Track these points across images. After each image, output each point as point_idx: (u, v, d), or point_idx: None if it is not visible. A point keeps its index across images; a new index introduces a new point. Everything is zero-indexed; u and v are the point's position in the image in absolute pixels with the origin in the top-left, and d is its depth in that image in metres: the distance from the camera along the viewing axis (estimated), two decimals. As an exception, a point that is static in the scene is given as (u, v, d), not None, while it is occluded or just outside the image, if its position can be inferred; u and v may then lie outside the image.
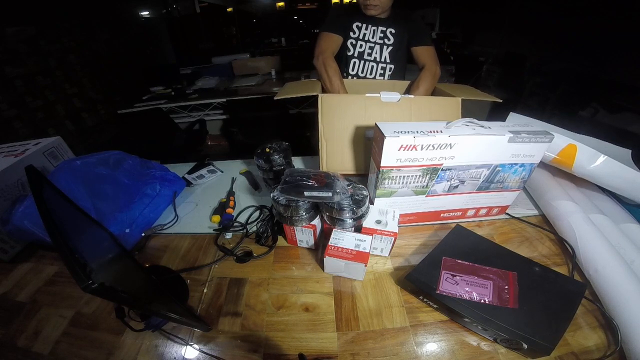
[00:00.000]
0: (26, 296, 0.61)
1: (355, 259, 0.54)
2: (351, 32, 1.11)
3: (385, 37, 1.10)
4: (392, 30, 1.09)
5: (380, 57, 1.12)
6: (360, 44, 1.12)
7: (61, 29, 2.23)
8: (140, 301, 0.38)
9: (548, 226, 0.69)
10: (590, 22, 1.82)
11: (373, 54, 1.12)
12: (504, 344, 0.46)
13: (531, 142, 0.56)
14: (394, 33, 1.09)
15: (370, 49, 1.12)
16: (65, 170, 0.66)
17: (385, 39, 1.10)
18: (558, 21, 2.06)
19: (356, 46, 1.13)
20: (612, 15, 1.72)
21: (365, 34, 1.11)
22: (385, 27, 1.09)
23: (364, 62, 1.14)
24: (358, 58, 1.14)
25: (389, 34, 1.09)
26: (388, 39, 1.10)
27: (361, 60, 1.14)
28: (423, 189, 0.63)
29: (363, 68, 1.15)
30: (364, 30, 1.10)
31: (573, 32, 1.93)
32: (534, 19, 2.31)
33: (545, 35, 2.18)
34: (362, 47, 1.12)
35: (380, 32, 1.09)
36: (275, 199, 0.60)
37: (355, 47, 1.13)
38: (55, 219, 0.34)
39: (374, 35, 1.10)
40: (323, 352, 0.48)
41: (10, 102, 1.88)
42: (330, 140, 0.79)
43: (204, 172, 0.97)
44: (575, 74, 1.96)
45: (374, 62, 1.13)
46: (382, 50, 1.11)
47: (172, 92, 2.55)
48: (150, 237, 0.73)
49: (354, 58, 1.14)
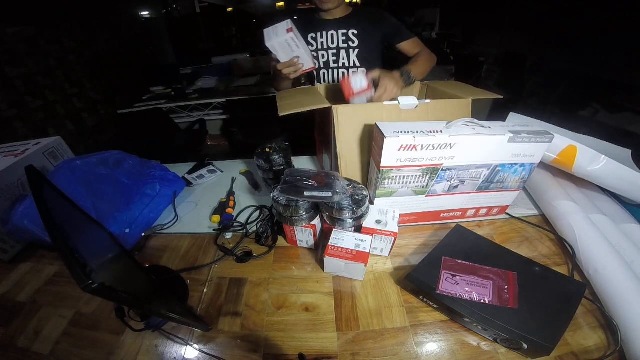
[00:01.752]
0: (26, 296, 0.61)
1: (355, 259, 0.54)
2: (309, 46, 1.03)
3: (348, 40, 1.02)
4: (354, 32, 1.01)
5: (349, 62, 1.05)
6: (322, 54, 1.05)
7: (61, 29, 2.23)
8: (140, 301, 0.38)
9: (548, 226, 0.69)
10: (590, 22, 1.82)
11: (340, 60, 1.05)
12: (504, 344, 0.46)
13: (531, 142, 0.56)
14: (357, 34, 1.01)
15: (335, 56, 1.04)
16: (65, 170, 0.67)
17: (349, 42, 1.02)
18: (558, 21, 2.06)
19: (318, 57, 1.06)
20: (612, 15, 1.72)
21: (323, 43, 1.03)
22: (345, 29, 1.01)
23: (332, 71, 1.07)
24: (325, 68, 1.07)
25: (351, 36, 1.01)
26: (352, 41, 1.02)
27: (329, 69, 1.07)
28: (423, 189, 0.63)
29: (333, 77, 1.08)
30: (321, 39, 1.03)
31: (573, 32, 1.93)
32: (534, 19, 2.31)
33: (545, 35, 2.18)
34: (325, 56, 1.05)
35: (341, 35, 1.01)
36: (275, 199, 0.60)
37: (318, 58, 1.06)
38: (55, 219, 0.34)
39: (334, 40, 1.02)
40: (323, 352, 0.48)
41: (10, 102, 1.88)
42: (349, 154, 0.74)
43: (204, 172, 0.97)
44: (575, 74, 1.96)
45: (343, 69, 1.06)
46: (348, 54, 1.04)
47: (172, 92, 2.56)
48: (150, 237, 0.73)
49: (322, 69, 1.08)
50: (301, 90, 0.87)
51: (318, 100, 0.71)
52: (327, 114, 0.72)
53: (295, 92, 0.86)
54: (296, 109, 0.68)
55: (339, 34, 1.02)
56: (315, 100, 0.71)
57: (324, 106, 0.68)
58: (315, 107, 0.68)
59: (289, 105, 0.70)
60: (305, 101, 0.73)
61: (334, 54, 1.05)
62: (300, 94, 0.82)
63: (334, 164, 0.77)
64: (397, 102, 0.69)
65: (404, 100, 0.69)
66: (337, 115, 0.68)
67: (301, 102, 0.73)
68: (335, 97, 0.95)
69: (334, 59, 1.06)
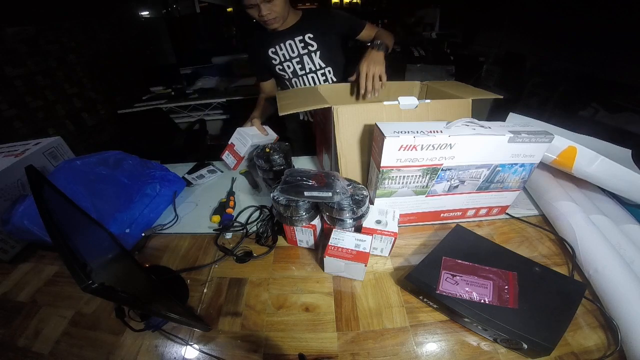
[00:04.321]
0: (26, 296, 0.61)
1: (355, 259, 0.54)
2: (273, 61, 1.05)
3: (307, 45, 1.02)
4: (310, 35, 1.01)
5: (314, 66, 1.06)
6: (287, 64, 1.05)
7: (61, 29, 2.22)
8: (140, 301, 0.38)
9: (548, 226, 0.69)
10: (590, 22, 1.82)
11: (306, 66, 1.06)
12: (504, 344, 0.46)
13: (531, 142, 0.56)
14: (313, 37, 1.01)
15: (299, 63, 1.05)
16: (65, 170, 0.67)
17: (309, 47, 1.02)
18: (558, 21, 2.06)
19: (285, 69, 1.06)
20: (612, 15, 1.72)
21: (284, 54, 1.04)
22: (300, 35, 1.01)
23: (302, 78, 1.08)
24: (296, 77, 1.08)
25: (308, 40, 1.02)
26: (311, 45, 1.02)
27: (297, 78, 1.08)
28: (423, 189, 0.63)
29: (305, 84, 1.09)
30: (281, 51, 1.03)
31: (573, 32, 1.93)
32: (534, 19, 2.31)
33: (545, 35, 2.18)
34: (291, 66, 1.05)
35: (298, 42, 1.02)
36: (275, 199, 0.60)
37: (285, 70, 1.06)
38: (55, 219, 0.34)
39: (293, 49, 1.03)
40: (323, 352, 0.48)
41: (10, 102, 1.88)
42: (350, 154, 0.74)
43: (204, 172, 0.97)
44: (575, 74, 1.96)
45: (312, 73, 1.07)
46: (311, 59, 1.04)
47: (172, 92, 2.55)
48: (150, 237, 0.73)
49: (294, 78, 1.09)
50: (301, 90, 0.87)
51: (318, 100, 0.71)
52: (327, 113, 0.72)
53: (295, 92, 0.86)
54: (296, 109, 0.68)
55: (296, 42, 1.02)
56: (315, 100, 0.71)
57: (324, 106, 0.68)
58: (316, 107, 0.68)
59: (289, 105, 0.70)
60: (306, 101, 0.73)
61: (298, 62, 1.05)
62: (300, 94, 0.82)
63: (334, 164, 0.77)
64: (397, 102, 0.69)
65: (404, 100, 0.69)
66: (337, 115, 0.68)
67: (301, 102, 0.73)
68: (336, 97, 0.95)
69: (299, 67, 1.06)
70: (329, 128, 0.74)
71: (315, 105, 0.68)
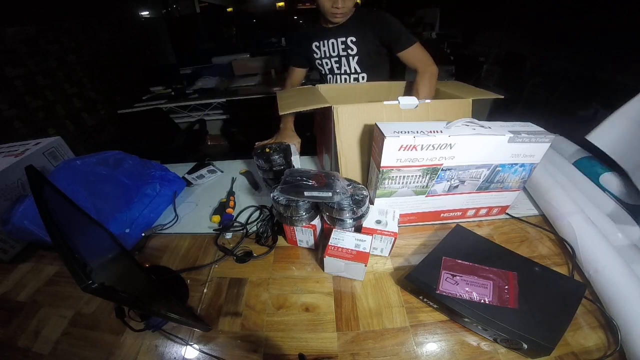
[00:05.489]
0: (26, 296, 0.61)
1: (355, 259, 0.54)
2: (314, 54, 1.09)
3: (347, 48, 1.03)
4: (352, 39, 1.01)
5: (350, 69, 1.08)
6: (325, 61, 1.09)
7: (61, 29, 2.22)
8: (140, 301, 0.38)
9: (548, 226, 0.69)
10: (590, 22, 1.82)
11: (342, 67, 1.08)
12: (504, 344, 0.46)
13: (531, 142, 0.56)
14: (355, 41, 1.01)
15: (337, 63, 1.08)
16: (65, 170, 0.67)
17: (348, 50, 1.03)
18: (558, 21, 2.06)
19: (323, 65, 1.11)
20: (612, 15, 1.72)
21: (325, 51, 1.07)
22: (344, 36, 1.02)
23: (337, 77, 1.12)
24: (330, 74, 1.13)
25: (350, 43, 1.02)
26: (351, 49, 1.03)
27: (333, 75, 1.12)
28: (423, 189, 0.63)
29: (338, 82, 1.12)
30: (323, 47, 1.06)
31: (573, 32, 1.93)
32: (534, 19, 2.31)
33: (545, 35, 2.18)
34: (329, 63, 1.09)
35: (340, 43, 1.03)
36: (275, 199, 0.60)
37: (323, 66, 1.11)
38: (55, 219, 0.34)
39: (334, 48, 1.05)
40: (323, 352, 0.48)
41: (10, 102, 1.88)
42: (350, 153, 0.73)
43: (204, 172, 0.97)
44: (575, 74, 1.96)
45: (345, 75, 1.10)
46: (348, 62, 1.06)
47: (172, 92, 2.55)
48: (150, 237, 0.73)
49: (329, 75, 1.13)
50: (301, 90, 0.87)
51: (318, 99, 0.71)
52: (328, 113, 0.72)
53: (295, 91, 0.85)
54: (296, 108, 0.68)
55: (338, 42, 1.04)
56: (315, 100, 0.71)
57: (324, 105, 0.68)
58: (316, 106, 0.68)
59: (289, 105, 0.70)
60: (306, 100, 0.73)
61: (336, 62, 1.08)
62: (300, 94, 0.82)
63: (334, 163, 0.77)
64: (398, 102, 0.69)
65: (404, 100, 0.69)
66: (337, 114, 0.68)
67: (301, 101, 0.73)
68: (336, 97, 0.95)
69: (337, 66, 1.09)
70: (329, 128, 0.74)
71: (316, 105, 0.68)
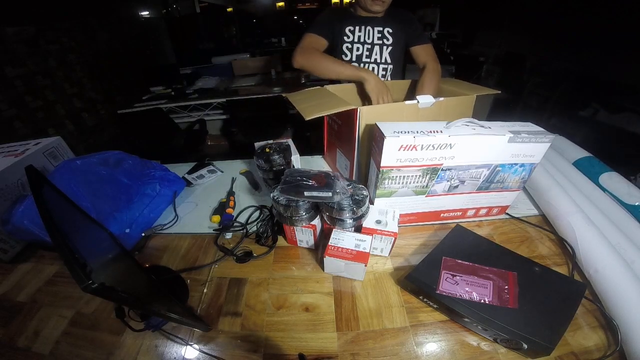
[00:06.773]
0: (26, 296, 0.61)
1: (355, 259, 0.54)
2: (345, 37, 1.09)
3: (383, 37, 1.07)
4: (389, 30, 1.06)
5: (381, 58, 1.10)
6: (357, 46, 1.09)
7: (61, 29, 2.23)
8: (140, 301, 0.38)
9: (548, 226, 0.69)
10: (590, 22, 1.82)
11: (373, 56, 1.09)
12: (504, 344, 0.46)
13: (531, 142, 0.56)
14: (391, 32, 1.07)
15: (369, 51, 1.09)
16: (65, 170, 0.66)
17: (384, 39, 1.07)
18: (558, 21, 2.06)
19: (352, 50, 1.09)
20: (612, 16, 1.72)
21: (360, 36, 1.07)
22: (381, 26, 1.06)
23: (363, 65, 1.11)
24: (357, 62, 1.12)
25: (386, 34, 1.07)
26: (387, 39, 1.07)
27: (360, 63, 1.12)
28: (423, 189, 0.63)
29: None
30: (358, 32, 1.07)
31: (573, 32, 1.93)
32: (534, 19, 2.31)
33: (545, 35, 2.18)
34: (360, 49, 1.09)
35: (377, 32, 1.07)
36: (275, 199, 0.60)
37: (352, 50, 1.09)
38: (55, 219, 0.34)
39: (370, 36, 1.07)
40: (323, 352, 0.48)
41: (10, 102, 1.88)
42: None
43: (204, 172, 0.97)
44: (575, 74, 1.96)
45: (374, 64, 1.11)
46: (381, 51, 1.09)
47: (172, 92, 2.56)
48: (150, 237, 0.73)
49: (354, 62, 1.12)
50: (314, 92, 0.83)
51: (340, 101, 0.71)
52: (346, 114, 0.72)
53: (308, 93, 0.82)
54: (322, 112, 0.66)
55: (375, 31, 1.07)
56: (338, 102, 0.71)
57: (348, 108, 0.68)
58: (340, 109, 0.68)
59: (312, 108, 0.68)
60: (328, 103, 0.71)
61: (368, 49, 1.09)
62: (315, 96, 0.80)
63: (356, 164, 0.77)
64: (417, 102, 0.71)
65: (422, 99, 0.71)
66: (361, 117, 0.68)
67: (323, 103, 0.71)
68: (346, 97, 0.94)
69: (367, 54, 1.10)
70: (348, 129, 0.74)
71: (340, 108, 0.68)
